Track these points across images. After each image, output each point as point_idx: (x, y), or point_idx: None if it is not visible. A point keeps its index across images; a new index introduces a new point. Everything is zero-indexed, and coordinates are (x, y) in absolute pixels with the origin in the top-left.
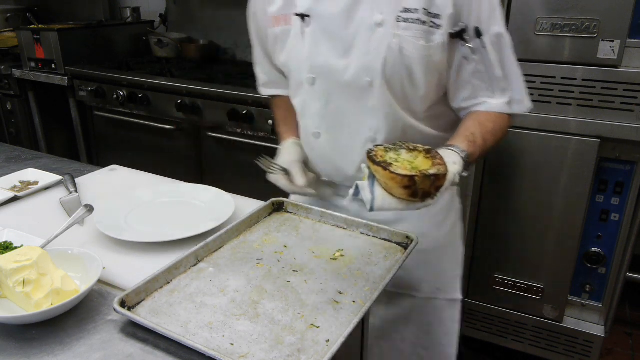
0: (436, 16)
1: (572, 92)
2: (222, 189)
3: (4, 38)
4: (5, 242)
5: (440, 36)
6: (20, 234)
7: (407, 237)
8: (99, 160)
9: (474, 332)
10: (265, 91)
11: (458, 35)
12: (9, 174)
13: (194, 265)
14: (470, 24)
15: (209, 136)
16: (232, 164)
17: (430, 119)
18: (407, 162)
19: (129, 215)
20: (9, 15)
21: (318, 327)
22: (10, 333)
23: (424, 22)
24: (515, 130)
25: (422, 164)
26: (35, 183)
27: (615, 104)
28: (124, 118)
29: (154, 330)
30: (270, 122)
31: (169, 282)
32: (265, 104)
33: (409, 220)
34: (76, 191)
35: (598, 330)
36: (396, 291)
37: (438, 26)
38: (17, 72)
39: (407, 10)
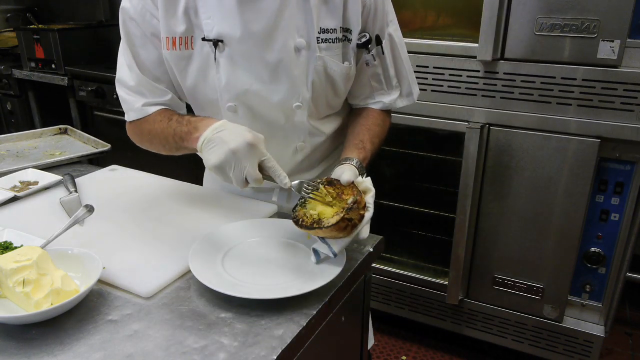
0: (348, 30)
1: (572, 92)
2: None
3: (4, 38)
4: (5, 242)
5: (352, 50)
6: (20, 234)
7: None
8: (99, 160)
9: (474, 332)
10: (148, 110)
11: (363, 46)
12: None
13: None
14: (373, 33)
15: None
16: None
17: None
18: (322, 202)
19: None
20: (9, 15)
21: None
22: (10, 333)
23: (340, 40)
24: (515, 130)
25: (336, 202)
26: (35, 183)
27: (615, 104)
28: (124, 118)
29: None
30: None
31: None
32: None
33: None
34: (76, 191)
35: (598, 330)
36: None
37: (350, 40)
38: (17, 72)
39: (325, 31)
